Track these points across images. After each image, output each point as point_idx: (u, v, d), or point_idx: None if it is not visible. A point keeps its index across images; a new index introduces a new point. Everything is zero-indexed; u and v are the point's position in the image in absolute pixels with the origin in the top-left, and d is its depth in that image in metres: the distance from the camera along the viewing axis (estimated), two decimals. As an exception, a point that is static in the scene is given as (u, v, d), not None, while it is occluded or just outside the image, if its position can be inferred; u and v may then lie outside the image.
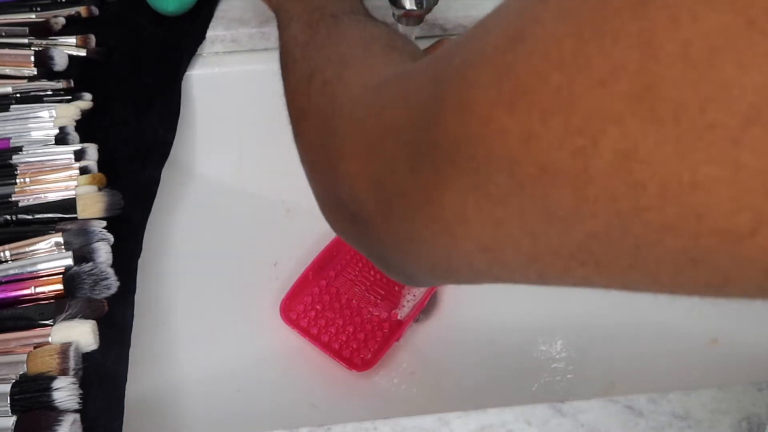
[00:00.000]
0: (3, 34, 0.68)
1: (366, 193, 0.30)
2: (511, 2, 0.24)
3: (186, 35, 0.72)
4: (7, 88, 0.64)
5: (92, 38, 0.69)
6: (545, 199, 0.21)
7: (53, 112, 0.62)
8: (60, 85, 0.65)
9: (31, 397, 0.45)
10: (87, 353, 0.49)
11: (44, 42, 0.67)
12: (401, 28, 0.61)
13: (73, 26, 0.69)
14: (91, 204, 0.56)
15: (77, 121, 0.62)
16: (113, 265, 0.53)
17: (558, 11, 0.21)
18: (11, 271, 0.52)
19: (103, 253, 0.53)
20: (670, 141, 0.18)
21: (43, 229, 0.55)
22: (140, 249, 0.58)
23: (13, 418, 0.45)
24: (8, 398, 0.45)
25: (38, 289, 0.51)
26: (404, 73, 0.30)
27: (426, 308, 0.70)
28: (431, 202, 0.26)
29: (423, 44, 0.73)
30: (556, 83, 0.20)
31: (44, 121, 0.61)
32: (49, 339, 0.49)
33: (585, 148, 0.20)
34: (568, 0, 0.21)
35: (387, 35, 0.40)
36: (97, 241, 0.54)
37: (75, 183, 0.58)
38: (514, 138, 0.21)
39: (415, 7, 0.59)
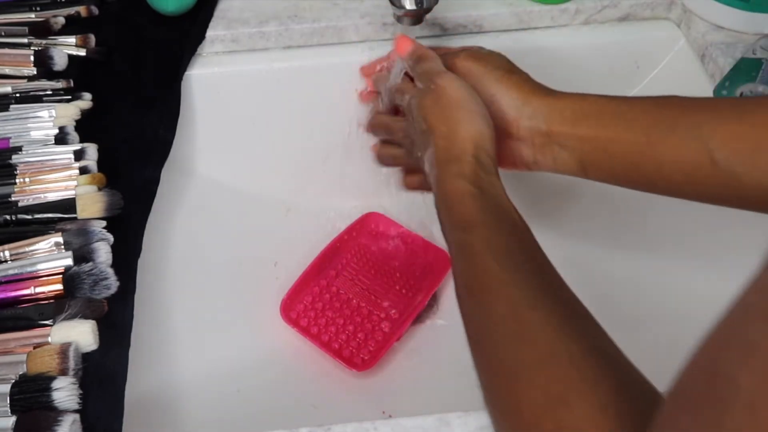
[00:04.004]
0: (3, 33, 0.68)
1: None
2: (687, 420, 0.26)
3: (186, 35, 0.72)
4: (6, 88, 0.64)
5: (92, 38, 0.69)
6: None
7: (53, 112, 0.62)
8: (60, 84, 0.65)
9: (31, 397, 0.45)
10: (87, 353, 0.49)
11: (44, 42, 0.67)
12: (401, 28, 0.61)
13: (72, 26, 0.69)
14: (91, 204, 0.56)
15: (77, 121, 0.62)
16: (113, 265, 0.53)
17: None
18: (11, 271, 0.52)
19: (103, 253, 0.53)
20: None
21: (42, 229, 0.55)
22: (140, 249, 0.58)
23: (13, 419, 0.45)
24: (8, 398, 0.45)
25: (38, 289, 0.51)
26: None
27: (426, 308, 0.70)
28: None
29: (423, 44, 0.73)
30: None
31: (44, 121, 0.61)
32: (49, 339, 0.49)
33: None
34: (741, 428, 0.23)
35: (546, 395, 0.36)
36: (97, 241, 0.54)
37: (75, 183, 0.58)
38: None
39: (415, 7, 0.59)
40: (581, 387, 0.36)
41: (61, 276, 0.51)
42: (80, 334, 0.49)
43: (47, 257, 0.53)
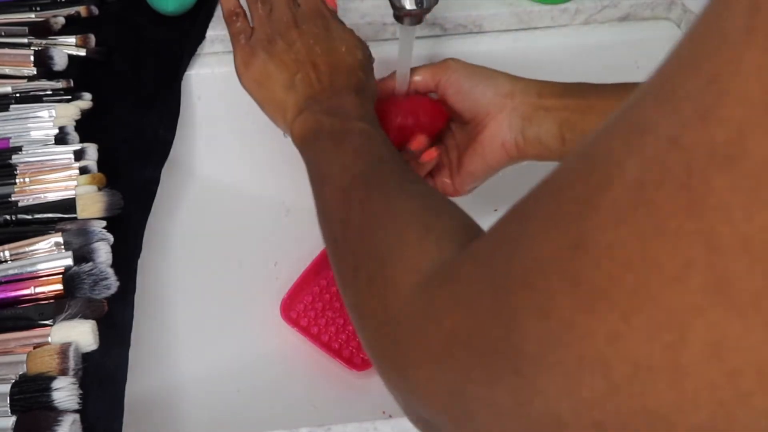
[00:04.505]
0: (3, 33, 0.68)
1: (441, 405, 0.30)
2: (555, 207, 0.24)
3: (186, 35, 0.72)
4: (6, 88, 0.64)
5: (92, 38, 0.69)
6: (643, 397, 0.21)
7: (53, 112, 0.62)
8: (60, 84, 0.65)
9: (31, 397, 0.45)
10: (87, 353, 0.49)
11: (44, 42, 0.67)
12: (401, 27, 0.61)
13: (72, 26, 0.69)
14: (91, 204, 0.56)
15: (77, 121, 0.62)
16: (113, 265, 0.53)
17: (614, 216, 0.21)
18: (11, 271, 0.52)
19: (103, 253, 0.53)
20: (758, 327, 0.19)
21: (42, 229, 0.55)
22: (140, 249, 0.58)
23: (13, 419, 0.45)
24: (8, 398, 0.45)
25: (38, 289, 0.51)
26: (452, 275, 0.30)
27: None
28: (522, 413, 0.25)
29: (423, 44, 0.73)
30: (631, 284, 0.21)
31: (44, 121, 0.61)
32: (49, 339, 0.49)
33: (674, 342, 0.20)
34: (622, 205, 0.21)
35: (420, 207, 0.41)
36: (97, 241, 0.54)
37: (75, 183, 0.58)
38: (600, 339, 0.22)
39: (415, 7, 0.59)
40: (449, 207, 0.41)
41: (61, 276, 0.51)
42: (80, 334, 0.49)
43: (47, 257, 0.53)
